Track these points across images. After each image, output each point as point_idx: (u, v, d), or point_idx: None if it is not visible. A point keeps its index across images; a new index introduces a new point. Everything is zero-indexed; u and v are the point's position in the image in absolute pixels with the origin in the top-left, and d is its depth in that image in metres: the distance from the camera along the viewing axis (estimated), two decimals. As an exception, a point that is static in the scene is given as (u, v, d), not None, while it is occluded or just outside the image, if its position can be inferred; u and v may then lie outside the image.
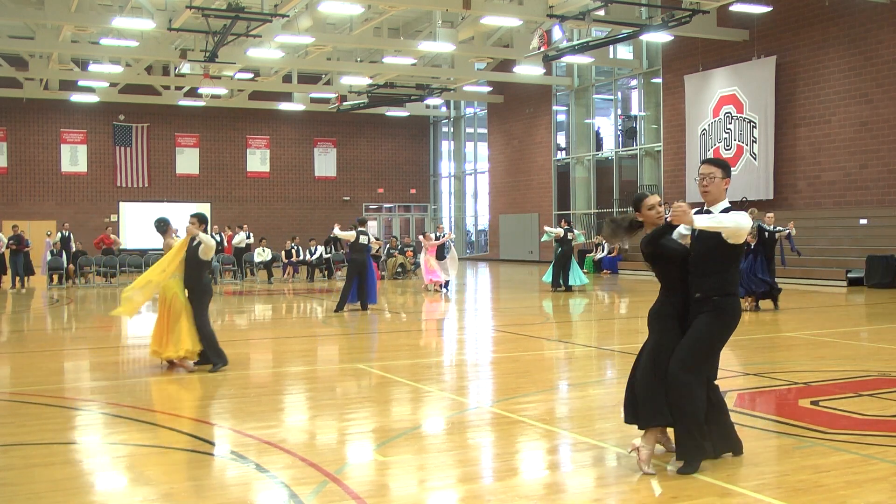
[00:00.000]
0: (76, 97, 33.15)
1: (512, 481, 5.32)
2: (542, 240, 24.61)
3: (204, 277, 9.64)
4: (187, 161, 37.49)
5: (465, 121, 40.98)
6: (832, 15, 23.33)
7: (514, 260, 35.99)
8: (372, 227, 38.79)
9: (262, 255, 26.52)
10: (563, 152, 34.71)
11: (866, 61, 22.60)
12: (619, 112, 32.44)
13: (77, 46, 26.79)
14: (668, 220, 5.31)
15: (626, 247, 5.87)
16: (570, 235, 20.74)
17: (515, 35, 27.37)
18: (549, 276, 20.81)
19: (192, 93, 34.33)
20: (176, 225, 10.43)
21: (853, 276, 20.92)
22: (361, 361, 10.27)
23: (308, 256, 27.28)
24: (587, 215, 33.34)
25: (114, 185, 36.29)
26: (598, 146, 33.32)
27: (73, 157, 35.74)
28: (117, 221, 35.44)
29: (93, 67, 29.57)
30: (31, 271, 24.15)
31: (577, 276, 20.65)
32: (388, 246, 27.63)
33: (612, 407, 7.46)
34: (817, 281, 21.47)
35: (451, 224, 42.28)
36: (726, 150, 26.18)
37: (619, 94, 32.62)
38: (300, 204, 39.39)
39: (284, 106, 36.28)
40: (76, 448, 6.37)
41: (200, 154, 37.73)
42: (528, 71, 29.42)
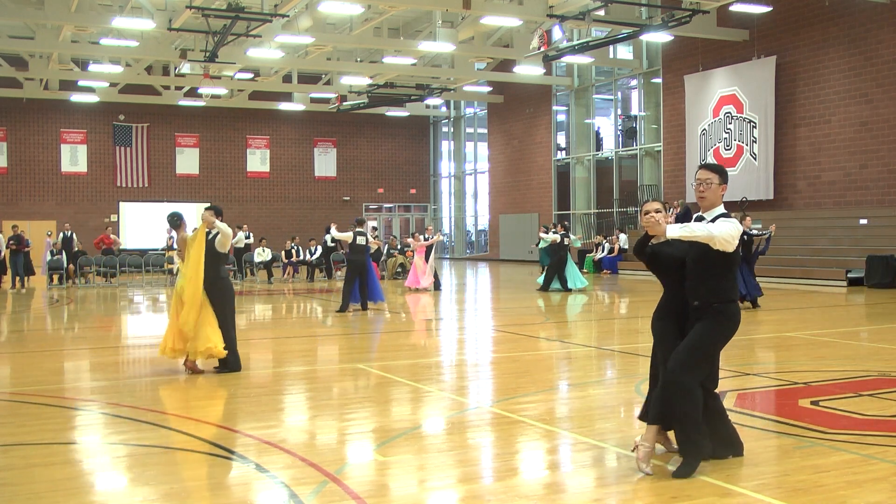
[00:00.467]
0: (76, 97, 33.16)
1: (512, 481, 5.32)
2: (539, 247, 24.53)
3: (222, 272, 9.23)
4: (187, 161, 37.50)
5: (465, 121, 40.98)
6: (832, 15, 23.33)
7: (514, 260, 35.97)
8: (371, 226, 38.81)
9: (262, 255, 26.51)
10: (563, 152, 34.71)
11: (866, 61, 22.60)
12: (619, 112, 32.44)
13: (77, 46, 26.79)
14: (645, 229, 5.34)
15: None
16: (566, 241, 20.72)
17: (515, 35, 27.37)
18: (542, 279, 20.82)
19: (192, 93, 34.34)
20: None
21: (853, 276, 20.92)
22: (361, 361, 10.26)
23: (308, 256, 27.30)
24: (587, 215, 33.34)
25: (114, 185, 36.30)
26: (598, 146, 33.32)
27: (73, 157, 35.75)
28: (117, 221, 35.46)
29: (93, 67, 29.57)
30: (31, 271, 24.14)
31: (576, 278, 20.63)
32: (388, 246, 27.64)
33: (613, 407, 7.47)
34: (817, 281, 21.48)
35: (451, 224, 42.31)
36: (726, 150, 26.18)
37: (619, 94, 32.62)
38: (300, 204, 39.39)
39: (284, 106, 36.28)
40: (76, 448, 6.36)
41: (200, 154, 37.75)
42: (528, 71, 29.42)
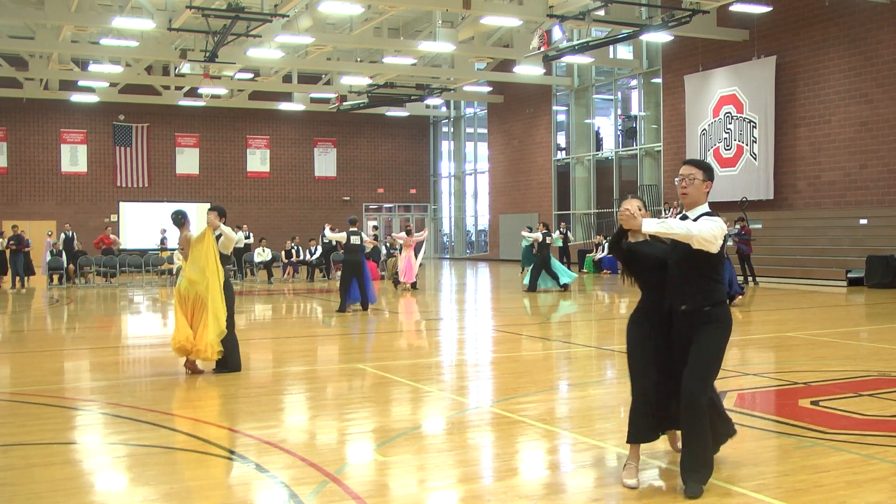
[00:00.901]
0: (76, 97, 33.16)
1: (512, 481, 5.32)
2: (522, 245, 24.52)
3: (224, 273, 9.24)
4: (187, 161, 37.50)
5: (465, 121, 40.98)
6: (832, 15, 23.33)
7: (514, 260, 35.89)
8: (372, 226, 38.81)
9: (262, 255, 26.51)
10: (563, 152, 34.70)
11: (866, 61, 22.60)
12: (619, 112, 32.44)
13: (77, 46, 26.78)
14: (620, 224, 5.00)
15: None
16: (548, 239, 20.72)
17: (515, 35, 27.36)
18: (528, 279, 20.81)
19: (192, 93, 34.34)
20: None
21: (853, 276, 20.91)
22: (361, 361, 10.26)
23: (308, 256, 27.30)
24: (587, 215, 33.33)
25: (114, 185, 36.30)
26: (598, 146, 33.32)
27: (73, 157, 35.74)
28: (117, 221, 35.46)
29: (93, 67, 29.57)
30: (31, 271, 24.14)
31: (564, 273, 20.50)
32: (389, 246, 27.61)
33: (612, 407, 7.46)
34: (817, 281, 21.48)
35: (451, 224, 42.32)
36: (726, 150, 26.18)
37: (619, 94, 32.62)
38: (300, 204, 39.39)
39: (284, 106, 36.28)
40: (76, 448, 6.36)
41: (200, 154, 37.74)
42: (528, 71, 29.41)
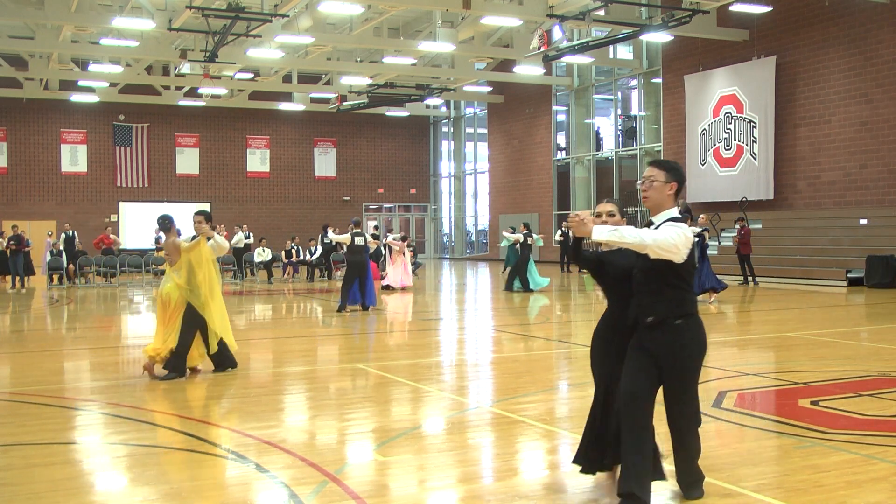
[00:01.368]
0: (76, 97, 33.16)
1: (512, 481, 5.32)
2: (500, 245, 24.51)
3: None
4: (187, 161, 37.50)
5: (465, 121, 40.98)
6: (832, 15, 23.33)
7: (514, 260, 35.94)
8: (373, 226, 38.79)
9: (261, 255, 26.51)
10: (563, 152, 34.71)
11: (866, 61, 22.60)
12: (619, 112, 32.44)
13: (77, 46, 26.79)
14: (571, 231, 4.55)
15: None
16: (529, 240, 20.69)
17: (515, 35, 27.36)
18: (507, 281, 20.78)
19: (192, 93, 34.34)
20: (178, 225, 10.25)
21: (853, 276, 20.92)
22: (361, 361, 10.26)
23: (308, 256, 27.30)
24: (587, 215, 33.30)
25: (114, 185, 36.30)
26: (598, 146, 33.32)
27: (73, 157, 35.75)
28: (117, 221, 35.45)
29: (93, 67, 29.57)
30: (32, 271, 24.13)
31: (535, 279, 20.29)
32: (389, 247, 27.57)
33: (612, 407, 7.46)
34: (817, 281, 21.48)
35: (451, 224, 42.33)
36: (726, 150, 26.18)
37: (619, 94, 32.62)
38: (300, 204, 39.39)
39: (284, 106, 36.28)
40: (76, 448, 6.36)
41: (200, 154, 37.74)
42: (528, 71, 29.41)
